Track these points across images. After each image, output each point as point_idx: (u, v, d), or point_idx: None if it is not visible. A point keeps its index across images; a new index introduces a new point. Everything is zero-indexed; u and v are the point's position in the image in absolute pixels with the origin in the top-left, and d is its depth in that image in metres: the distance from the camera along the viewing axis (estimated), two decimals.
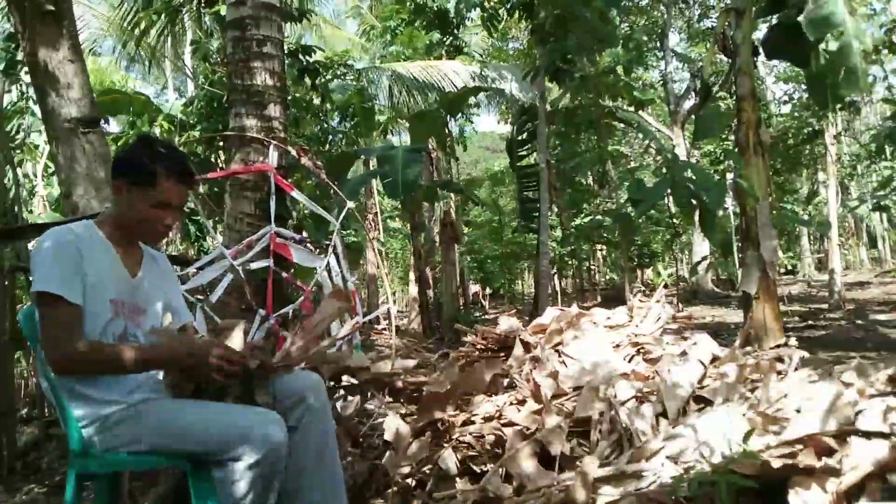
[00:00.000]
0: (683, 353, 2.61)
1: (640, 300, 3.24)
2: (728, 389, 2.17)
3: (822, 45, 4.93)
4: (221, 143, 6.87)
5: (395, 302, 25.28)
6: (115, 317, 1.84)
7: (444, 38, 12.21)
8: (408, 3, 12.36)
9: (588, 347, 2.82)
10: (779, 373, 2.21)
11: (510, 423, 2.44)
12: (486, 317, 14.24)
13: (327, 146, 9.22)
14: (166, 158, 1.85)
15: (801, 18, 4.59)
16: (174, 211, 1.88)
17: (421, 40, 11.94)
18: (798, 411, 1.74)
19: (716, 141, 15.41)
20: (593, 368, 2.66)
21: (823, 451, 1.57)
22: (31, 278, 1.76)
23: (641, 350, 2.77)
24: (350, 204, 3.67)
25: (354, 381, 2.76)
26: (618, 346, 2.88)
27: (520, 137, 10.41)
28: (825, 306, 11.12)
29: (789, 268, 24.78)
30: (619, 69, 9.69)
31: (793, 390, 1.91)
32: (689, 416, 2.18)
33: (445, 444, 2.40)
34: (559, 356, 2.82)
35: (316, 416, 1.91)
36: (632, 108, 11.95)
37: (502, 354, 3.06)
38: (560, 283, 21.03)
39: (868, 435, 1.52)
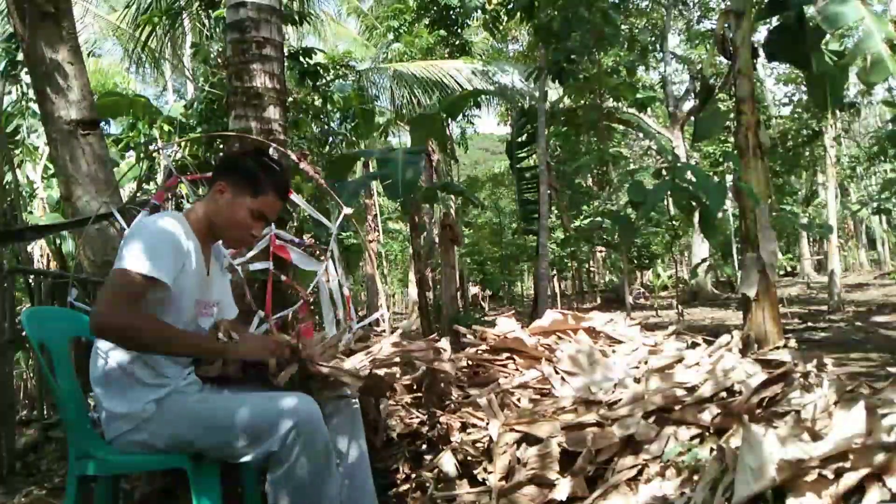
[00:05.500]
0: (697, 364, 2.59)
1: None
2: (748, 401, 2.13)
3: (825, 46, 4.94)
4: (221, 145, 6.88)
5: (394, 303, 25.29)
6: (197, 315, 1.90)
7: (450, 38, 12.23)
8: (411, 1, 12.38)
9: (590, 354, 2.81)
10: (806, 388, 2.18)
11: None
12: (486, 318, 14.24)
13: (327, 148, 9.23)
14: (275, 173, 1.92)
15: (811, 14, 4.57)
16: (265, 222, 1.94)
17: (425, 39, 11.96)
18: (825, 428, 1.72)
19: (715, 143, 15.43)
20: (596, 376, 2.65)
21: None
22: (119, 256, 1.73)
23: (646, 361, 2.75)
24: (347, 210, 3.66)
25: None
26: (625, 353, 2.87)
27: (520, 139, 10.42)
28: (825, 308, 11.13)
29: (789, 269, 24.79)
30: (622, 70, 9.71)
31: (822, 406, 1.90)
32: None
33: (444, 447, 2.40)
34: (559, 362, 2.82)
35: (349, 406, 2.01)
36: (632, 110, 11.96)
37: (503, 356, 3.06)
38: (559, 285, 21.06)
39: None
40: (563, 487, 1.99)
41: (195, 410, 1.79)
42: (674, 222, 8.58)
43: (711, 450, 1.88)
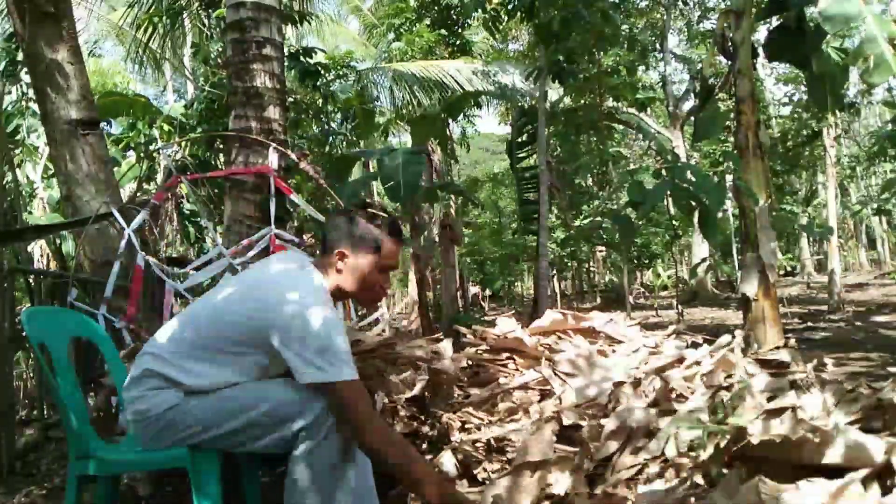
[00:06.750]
0: (697, 364, 2.58)
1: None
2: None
3: (826, 46, 4.94)
4: (221, 145, 6.88)
5: (394, 303, 25.28)
6: None
7: (450, 38, 12.23)
8: (412, 1, 12.39)
9: (589, 355, 2.81)
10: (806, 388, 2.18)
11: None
12: (486, 318, 14.24)
13: (328, 148, 9.24)
14: (385, 221, 1.94)
15: (813, 14, 4.56)
16: (390, 272, 1.98)
17: (426, 38, 11.95)
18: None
19: (715, 143, 15.42)
20: (595, 376, 2.65)
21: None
22: (304, 356, 1.69)
23: (646, 362, 2.75)
24: None
25: None
26: (625, 354, 2.86)
27: (520, 139, 10.41)
28: (825, 308, 11.13)
29: (789, 269, 24.79)
30: (622, 70, 9.71)
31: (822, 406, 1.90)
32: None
33: (444, 447, 2.40)
34: (559, 363, 2.81)
35: None
36: (632, 110, 11.96)
37: (503, 356, 3.05)
38: (559, 285, 21.06)
39: None
40: (562, 481, 1.98)
41: (223, 395, 1.79)
42: (674, 222, 8.58)
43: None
